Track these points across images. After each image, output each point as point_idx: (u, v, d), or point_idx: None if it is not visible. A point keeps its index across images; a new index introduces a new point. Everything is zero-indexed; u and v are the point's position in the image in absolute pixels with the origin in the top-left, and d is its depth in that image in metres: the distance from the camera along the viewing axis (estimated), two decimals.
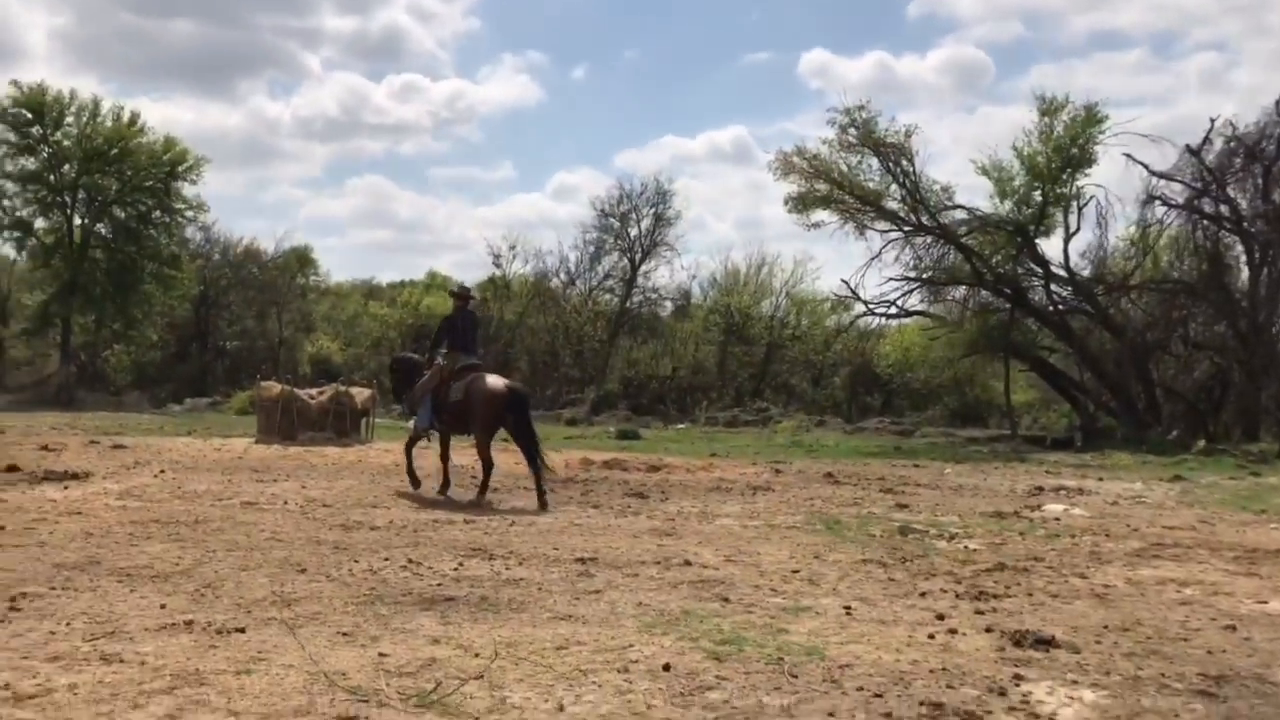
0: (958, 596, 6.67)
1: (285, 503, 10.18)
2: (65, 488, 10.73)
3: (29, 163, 36.27)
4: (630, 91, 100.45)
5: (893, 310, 28.72)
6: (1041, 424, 31.91)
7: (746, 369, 42.88)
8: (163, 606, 5.60)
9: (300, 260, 53.38)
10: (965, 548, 8.76)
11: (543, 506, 10.48)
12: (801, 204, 26.49)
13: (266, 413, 18.66)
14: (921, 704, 4.29)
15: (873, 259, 27.28)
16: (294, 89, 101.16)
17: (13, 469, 11.93)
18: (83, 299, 36.59)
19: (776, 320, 43.36)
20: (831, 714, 4.14)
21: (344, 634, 5.14)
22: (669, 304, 43.77)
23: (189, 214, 39.19)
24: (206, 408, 33.82)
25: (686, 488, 12.87)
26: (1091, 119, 25.51)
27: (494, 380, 11.48)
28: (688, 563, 7.50)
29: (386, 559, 7.30)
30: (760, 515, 10.42)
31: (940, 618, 5.99)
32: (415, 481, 11.78)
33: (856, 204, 26.14)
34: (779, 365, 43.89)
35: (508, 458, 13.00)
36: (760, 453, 20.71)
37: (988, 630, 5.69)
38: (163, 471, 12.53)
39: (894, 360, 40.67)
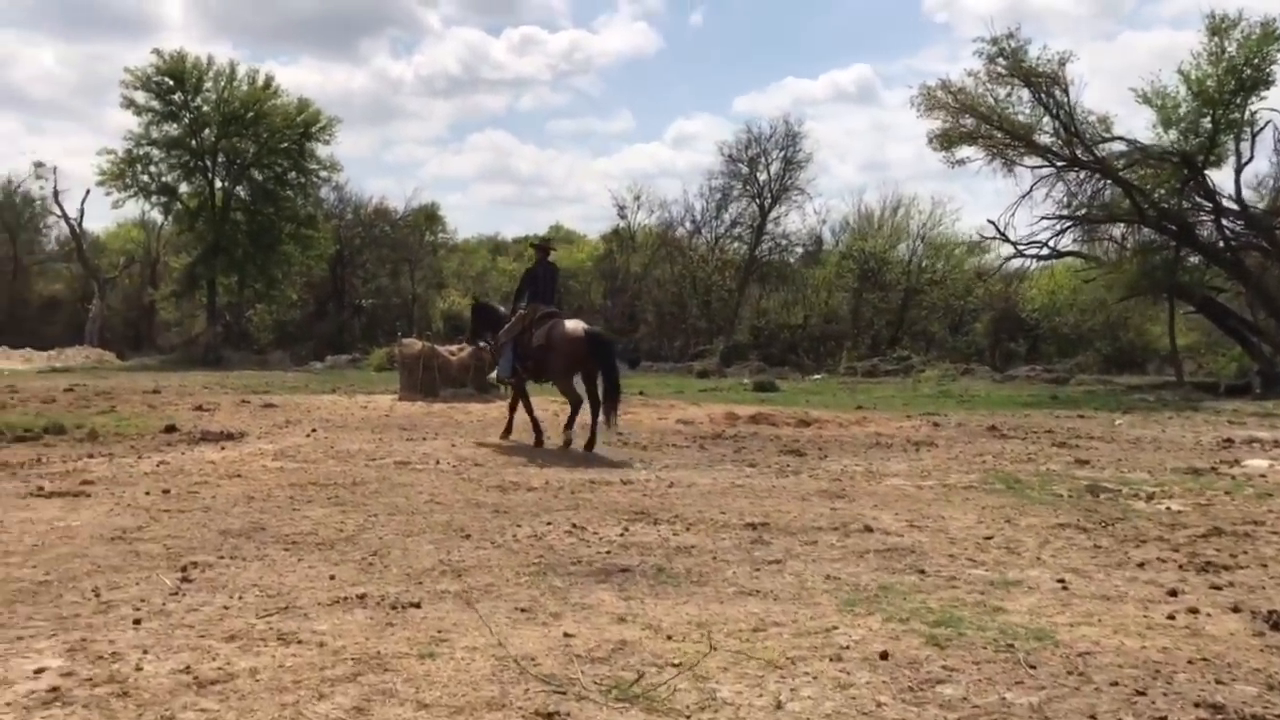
0: (1181, 568, 5.98)
1: (437, 462, 10.02)
2: (222, 448, 10.82)
3: (172, 129, 37.48)
4: (749, 34, 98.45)
5: (1044, 251, 27.13)
6: (1207, 369, 29.92)
7: (883, 316, 41.60)
8: (332, 578, 5.37)
9: (428, 218, 54.08)
10: (1168, 509, 7.98)
11: (589, 447, 11.02)
12: (946, 140, 25.14)
13: (408, 370, 18.75)
14: (1196, 705, 3.69)
15: (1023, 197, 25.83)
16: (415, 47, 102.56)
17: (171, 430, 12.12)
18: (226, 260, 37.82)
19: (914, 264, 41.80)
20: (1092, 717, 3.58)
21: (522, 610, 4.80)
22: (800, 250, 42.58)
23: (323, 174, 40.04)
24: (347, 365, 34.59)
25: (843, 444, 12.27)
26: (1269, 36, 23.37)
27: (574, 324, 11.74)
28: (868, 529, 6.96)
29: (549, 523, 6.98)
30: (931, 474, 9.77)
31: (1173, 594, 5.32)
32: (538, 430, 12.01)
33: (1005, 139, 24.64)
34: (916, 312, 42.46)
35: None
36: (909, 404, 19.88)
37: (1235, 610, 5.01)
38: (314, 431, 12.58)
39: (1040, 304, 38.87)
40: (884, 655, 4.16)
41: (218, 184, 38.10)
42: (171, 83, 36.59)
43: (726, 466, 10.17)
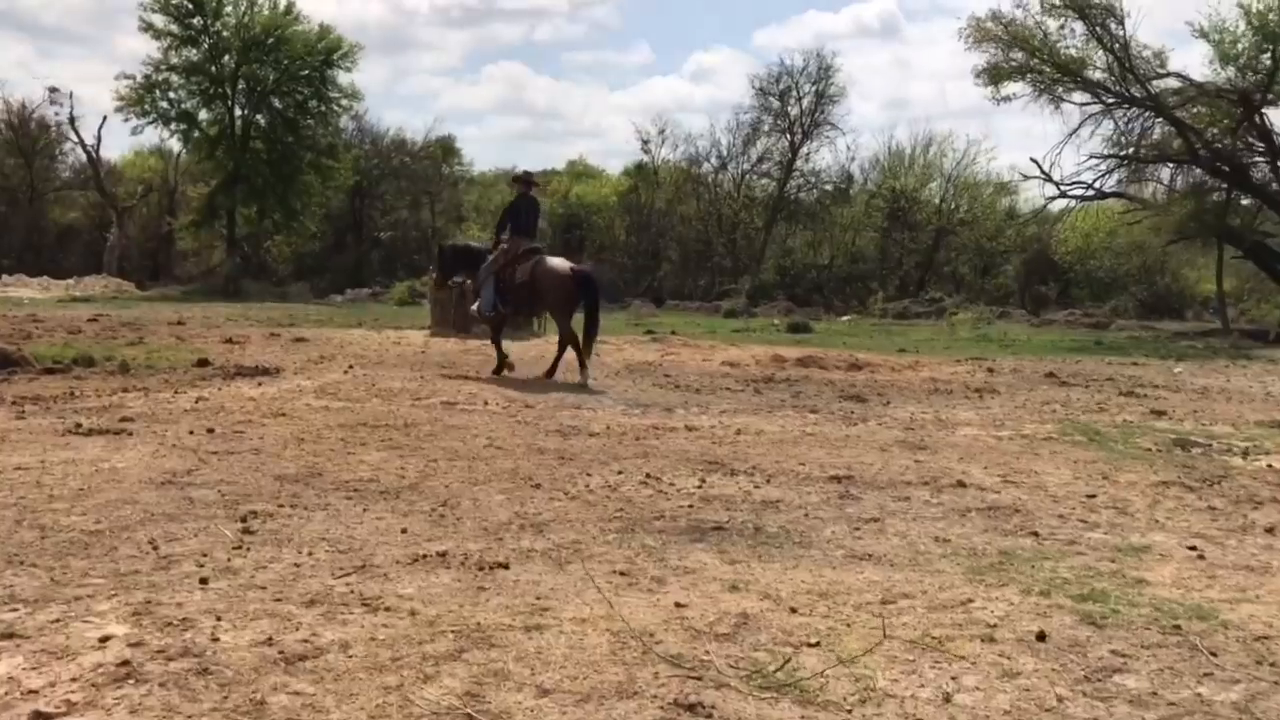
0: None
1: (485, 403, 9.58)
2: (259, 384, 10.40)
3: (191, 54, 36.62)
4: None
5: (1089, 192, 26.27)
6: (1249, 316, 29.18)
7: (912, 257, 40.79)
8: (404, 531, 4.95)
9: (445, 150, 53.16)
10: (1270, 467, 7.49)
11: (584, 382, 11.06)
12: (993, 75, 24.22)
13: (440, 305, 18.27)
14: None
15: (1070, 134, 24.92)
16: None
17: (204, 363, 11.72)
18: (245, 190, 37.20)
19: (946, 204, 40.84)
20: None
21: (621, 573, 4.37)
22: (829, 188, 41.60)
23: (344, 102, 39.15)
24: (367, 298, 34.14)
25: (902, 390, 11.78)
26: None
27: (559, 262, 11.84)
28: (961, 484, 6.51)
29: (620, 472, 6.55)
30: (1005, 423, 9.29)
31: None
32: (503, 363, 11.97)
33: (1055, 73, 23.70)
34: (945, 253, 41.62)
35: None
36: (950, 348, 19.34)
37: None
38: (351, 367, 12.15)
39: (1074, 247, 38.01)
40: (1040, 636, 3.71)
41: (237, 112, 37.32)
42: (191, 6, 35.64)
43: (788, 412, 9.70)
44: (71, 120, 43.77)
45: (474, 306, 12.56)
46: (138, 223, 47.81)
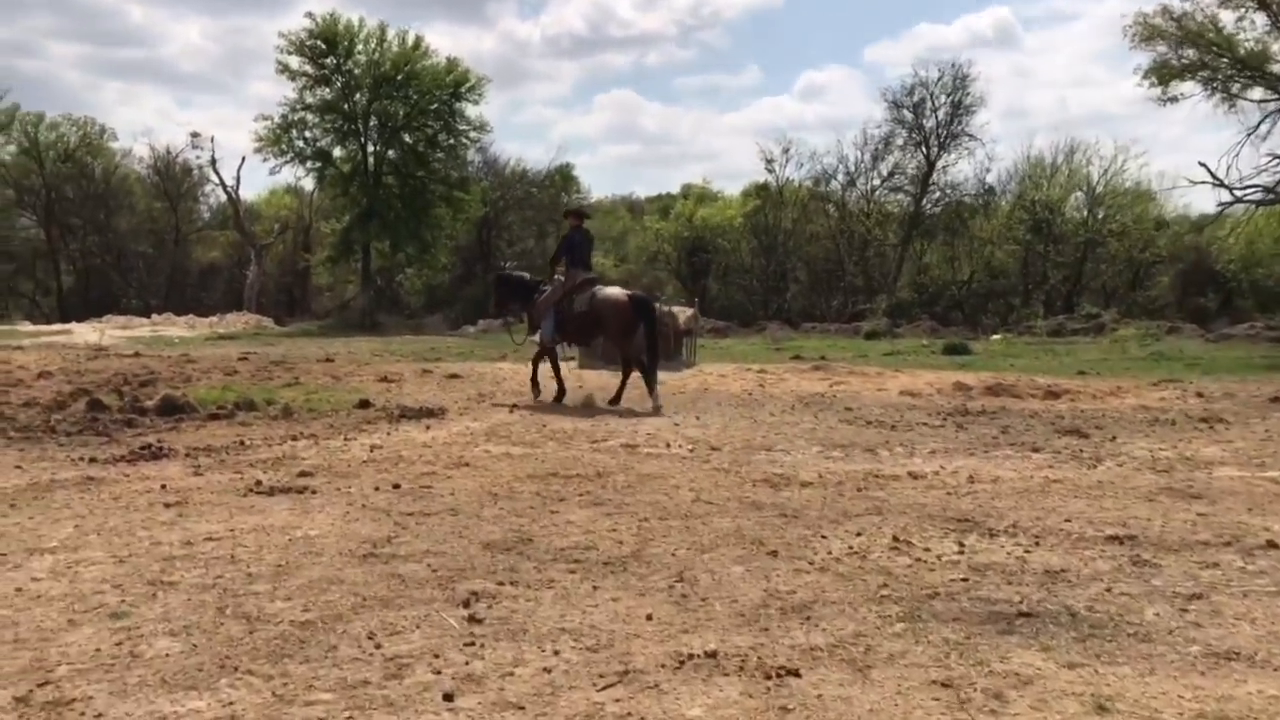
0: None
1: (668, 444, 8.85)
2: (427, 428, 9.90)
3: (325, 93, 37.34)
4: None
5: (1268, 196, 24.26)
6: None
7: (1059, 270, 38.76)
8: (649, 617, 4.21)
9: (563, 178, 53.28)
10: None
11: (656, 409, 11.17)
12: (1161, 74, 22.59)
13: None
14: None
15: (1249, 134, 23.03)
16: (541, 7, 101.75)
17: (365, 405, 11.32)
18: (379, 224, 37.65)
19: (1094, 215, 38.74)
20: None
21: (942, 684, 3.53)
22: (968, 201, 39.92)
23: (472, 134, 39.36)
24: (500, 328, 33.96)
25: (1118, 420, 10.61)
26: None
27: (616, 290, 12.16)
28: (1272, 544, 5.45)
29: (859, 534, 5.70)
30: (1265, 462, 8.10)
31: None
32: (537, 389, 12.38)
33: (1232, 69, 21.95)
34: (1093, 265, 39.47)
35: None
36: (1129, 369, 17.87)
37: None
38: (515, 406, 11.60)
39: (1236, 255, 35.55)
40: None
41: (370, 148, 37.88)
42: (324, 46, 36.37)
43: (1006, 451, 8.69)
44: (213, 163, 45.24)
45: (534, 336, 12.89)
46: (274, 259, 49.18)
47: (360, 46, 37.06)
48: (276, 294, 49.27)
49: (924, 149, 39.46)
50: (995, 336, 29.56)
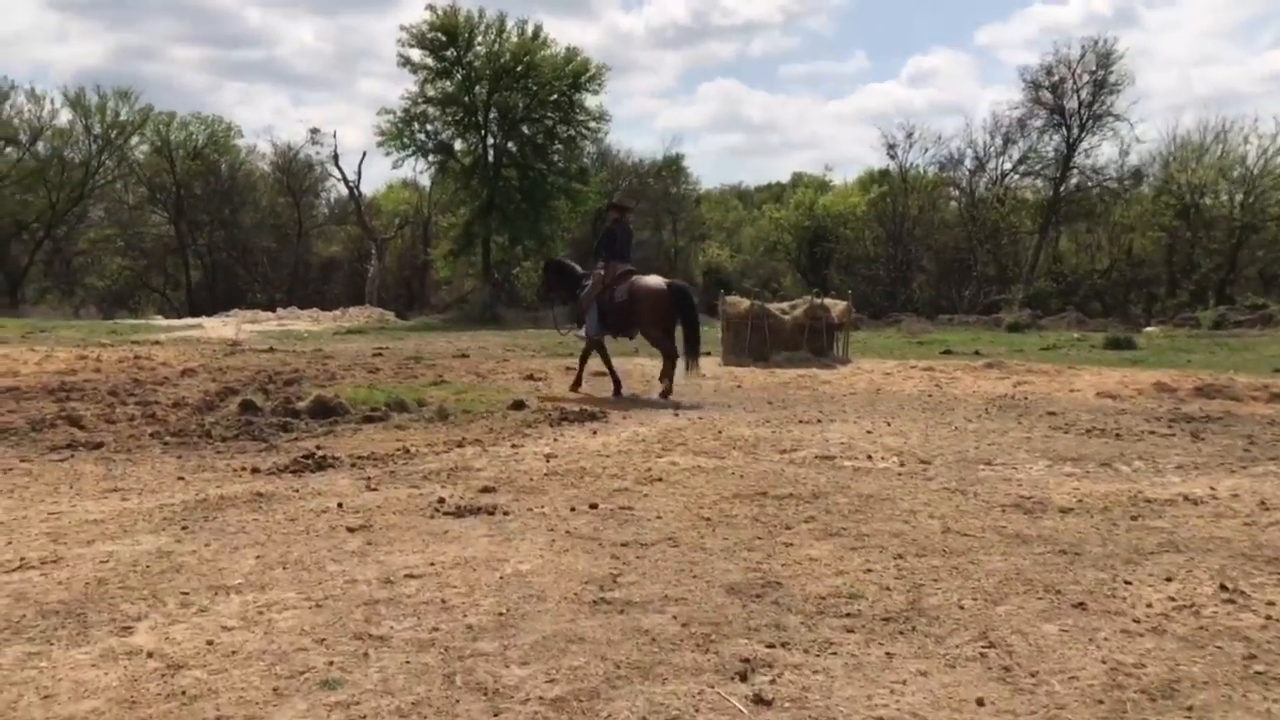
0: None
1: (869, 456, 7.91)
2: (594, 432, 9.17)
3: (447, 85, 37.18)
4: None
5: None
6: None
7: (1213, 258, 36.30)
8: (980, 704, 3.32)
9: (672, 169, 52.47)
10: None
11: (664, 394, 11.48)
12: None
13: (735, 331, 16.86)
14: None
15: None
16: None
17: (519, 405, 10.66)
18: (499, 217, 37.39)
19: (1251, 197, 36.12)
20: None
21: None
22: (1112, 185, 37.66)
23: (592, 125, 38.79)
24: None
25: None
26: None
27: (654, 279, 12.25)
28: None
29: (1168, 579, 4.69)
30: None
31: None
32: (579, 383, 12.53)
33: None
34: (1249, 253, 36.86)
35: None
36: None
37: None
38: (678, 409, 10.80)
39: None
40: None
41: (490, 140, 37.63)
42: (445, 38, 36.19)
43: (1270, 466, 7.51)
44: (335, 158, 45.71)
45: (581, 330, 12.88)
46: (394, 253, 49.57)
47: (480, 38, 36.83)
48: (396, 288, 49.66)
49: (1064, 131, 37.36)
50: (1149, 329, 27.66)
